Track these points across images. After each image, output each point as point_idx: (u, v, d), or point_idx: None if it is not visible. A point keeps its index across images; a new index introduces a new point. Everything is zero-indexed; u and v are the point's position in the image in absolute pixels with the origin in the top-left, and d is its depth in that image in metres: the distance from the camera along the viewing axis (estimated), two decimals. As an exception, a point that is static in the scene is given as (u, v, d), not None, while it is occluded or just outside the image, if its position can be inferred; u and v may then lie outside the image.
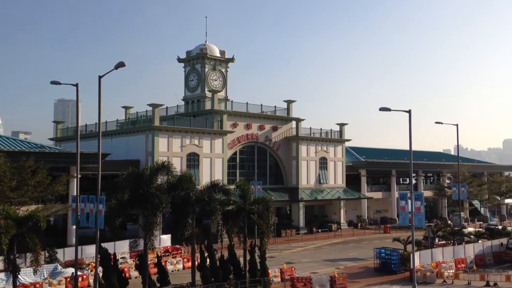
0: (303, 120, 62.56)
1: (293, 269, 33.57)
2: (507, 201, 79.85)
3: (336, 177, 64.99)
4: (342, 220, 64.19)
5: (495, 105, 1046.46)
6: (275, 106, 62.11)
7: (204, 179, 47.08)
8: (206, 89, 59.18)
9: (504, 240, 41.68)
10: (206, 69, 59.93)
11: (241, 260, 30.04)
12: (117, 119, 56.96)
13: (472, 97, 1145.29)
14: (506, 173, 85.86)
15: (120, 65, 24.85)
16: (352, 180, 67.92)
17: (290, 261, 39.73)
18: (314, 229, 59.22)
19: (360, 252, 45.43)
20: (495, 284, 31.68)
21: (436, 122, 45.90)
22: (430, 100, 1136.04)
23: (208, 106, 56.64)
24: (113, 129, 54.56)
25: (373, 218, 70.77)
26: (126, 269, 32.17)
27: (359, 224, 65.57)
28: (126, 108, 62.59)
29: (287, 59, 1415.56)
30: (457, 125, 45.71)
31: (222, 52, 62.30)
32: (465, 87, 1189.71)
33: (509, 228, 52.60)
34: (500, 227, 57.52)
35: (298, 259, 41.70)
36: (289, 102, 62.68)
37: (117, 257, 30.75)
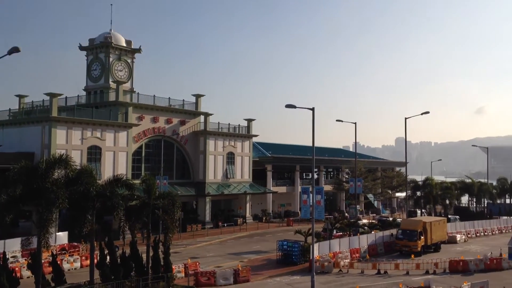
0: (211, 114, 62.63)
1: (197, 264, 33.51)
2: (397, 194, 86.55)
3: (243, 172, 65.92)
4: (248, 214, 65.33)
5: (389, 106, 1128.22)
6: (183, 100, 61.40)
7: (107, 174, 45.22)
8: (110, 80, 56.73)
9: (394, 231, 45.12)
10: (111, 59, 57.46)
11: (144, 256, 29.37)
12: (9, 109, 52.69)
13: (369, 98, 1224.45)
14: (397, 169, 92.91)
15: (14, 50, 22.93)
16: (258, 175, 69.40)
17: (195, 256, 39.68)
18: (220, 224, 59.63)
19: (264, 245, 46.61)
20: (385, 272, 34.23)
21: (337, 120, 48.55)
22: (333, 99, 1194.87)
23: (112, 97, 54.39)
24: (5, 119, 50.39)
25: (278, 212, 72.95)
26: (17, 269, 30.09)
27: (264, 218, 67.23)
28: (20, 96, 57.82)
29: (197, 53, 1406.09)
30: (355, 123, 48.60)
31: (128, 42, 60.11)
32: (363, 88, 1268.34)
33: (398, 220, 57.14)
34: (391, 219, 62.40)
35: (203, 253, 41.75)
36: (197, 96, 62.30)
37: (8, 256, 28.66)
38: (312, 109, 29.20)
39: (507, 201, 78.84)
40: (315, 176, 76.63)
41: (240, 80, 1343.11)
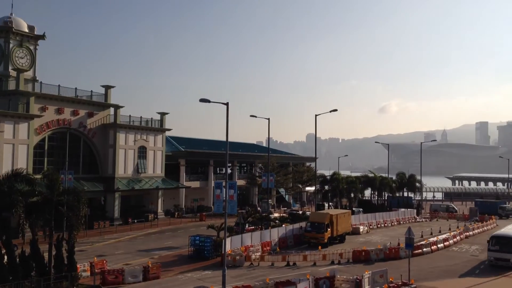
0: (122, 107, 60.45)
1: (104, 262, 32.18)
2: (307, 188, 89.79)
3: (155, 167, 64.49)
4: (160, 210, 64.13)
5: (301, 103, 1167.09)
6: (91, 91, 58.56)
7: (5, 168, 41.99)
8: (10, 67, 52.56)
9: (303, 224, 46.69)
10: (11, 45, 53.22)
11: (46, 255, 27.65)
12: None
13: (282, 96, 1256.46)
14: (308, 164, 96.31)
15: None
16: (171, 170, 68.33)
17: (103, 254, 38.11)
18: (130, 220, 57.85)
19: (176, 240, 46.02)
20: (294, 263, 35.32)
21: (251, 116, 49.05)
22: (246, 95, 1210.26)
23: (12, 86, 50.46)
24: None
25: (191, 207, 72.38)
26: None
27: (176, 213, 66.36)
28: None
29: (110, 43, 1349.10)
30: (268, 119, 49.46)
31: (31, 28, 56.01)
32: (277, 86, 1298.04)
33: (307, 213, 59.30)
34: (300, 212, 64.58)
35: (111, 251, 40.23)
36: (107, 87, 59.74)
37: None
38: (227, 104, 29.20)
39: (405, 194, 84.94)
40: (229, 171, 77.07)
41: (157, 73, 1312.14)
